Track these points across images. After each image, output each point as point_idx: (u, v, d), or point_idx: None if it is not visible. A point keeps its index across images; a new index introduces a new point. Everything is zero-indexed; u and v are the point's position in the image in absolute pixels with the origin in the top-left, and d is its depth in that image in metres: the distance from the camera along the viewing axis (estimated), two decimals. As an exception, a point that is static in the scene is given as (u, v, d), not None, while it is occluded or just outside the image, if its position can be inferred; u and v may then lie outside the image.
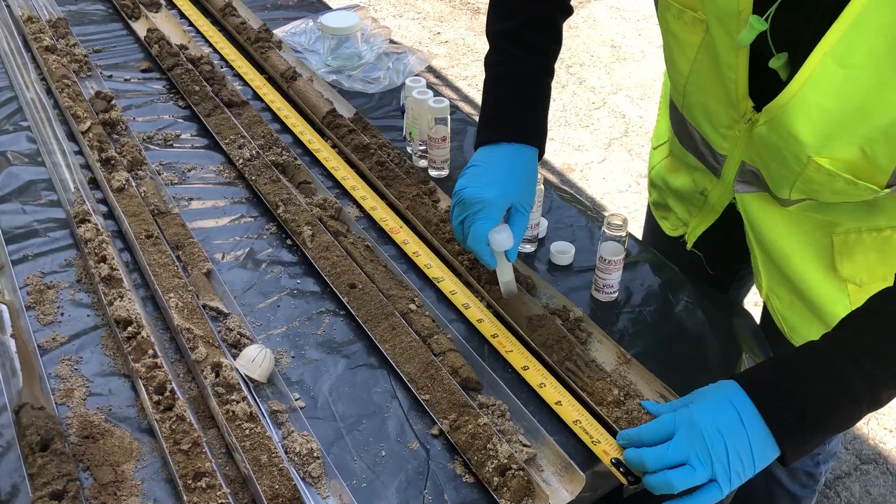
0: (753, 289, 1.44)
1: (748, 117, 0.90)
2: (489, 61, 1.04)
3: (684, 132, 1.07)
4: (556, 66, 1.05)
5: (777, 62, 0.82)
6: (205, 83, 1.46)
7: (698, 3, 0.87)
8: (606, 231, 1.03)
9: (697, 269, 1.20)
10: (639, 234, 1.42)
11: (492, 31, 1.04)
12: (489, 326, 1.01)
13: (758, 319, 1.17)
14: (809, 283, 1.00)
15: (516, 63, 1.01)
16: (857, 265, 0.97)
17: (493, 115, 1.02)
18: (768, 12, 0.79)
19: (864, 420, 2.05)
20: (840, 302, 1.00)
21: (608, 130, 3.10)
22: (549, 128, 1.05)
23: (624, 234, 1.02)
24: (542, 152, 1.02)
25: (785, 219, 0.99)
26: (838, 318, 1.00)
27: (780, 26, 0.80)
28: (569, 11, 1.05)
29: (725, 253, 1.19)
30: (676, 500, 0.77)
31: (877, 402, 0.77)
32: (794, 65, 0.81)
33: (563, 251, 1.14)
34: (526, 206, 0.98)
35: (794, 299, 1.04)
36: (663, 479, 0.76)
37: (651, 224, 1.31)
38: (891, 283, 0.84)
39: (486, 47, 1.05)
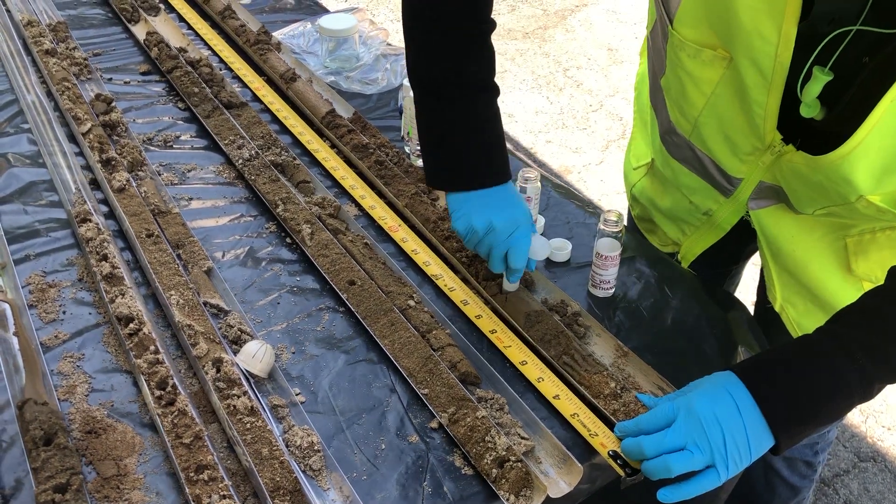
0: (742, 284, 1.45)
1: (777, 149, 0.90)
2: (431, 106, 0.97)
3: (690, 157, 1.06)
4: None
5: (811, 111, 0.82)
6: (204, 85, 1.47)
7: (719, 42, 0.87)
8: (602, 227, 1.04)
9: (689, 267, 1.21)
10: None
11: (427, 75, 0.96)
12: (487, 322, 1.02)
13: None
14: (827, 287, 1.01)
15: (469, 105, 0.95)
16: (871, 263, 0.98)
17: (466, 162, 0.97)
18: (830, 62, 0.79)
19: (861, 418, 2.06)
20: (850, 298, 1.01)
21: (605, 133, 3.12)
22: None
23: (620, 229, 1.03)
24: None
25: (800, 226, 0.99)
26: None
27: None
28: (494, 24, 0.98)
29: (717, 258, 1.20)
30: (676, 484, 0.78)
31: (868, 395, 0.78)
32: (832, 110, 0.82)
33: (560, 248, 1.15)
34: (532, 224, 0.99)
35: (809, 306, 1.05)
36: (662, 463, 0.77)
37: (635, 232, 1.31)
38: None
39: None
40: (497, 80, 0.98)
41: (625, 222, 1.06)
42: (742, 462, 0.77)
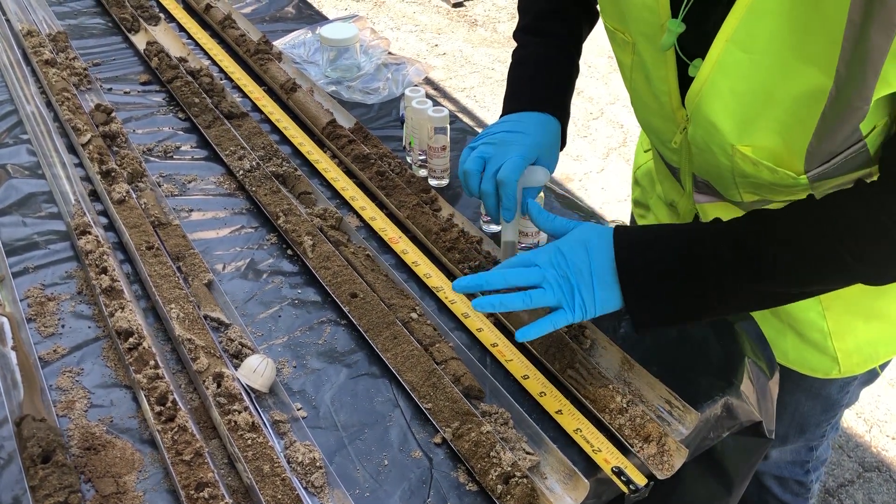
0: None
1: (682, 126, 0.91)
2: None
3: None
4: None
5: (695, 69, 0.84)
6: (204, 95, 1.46)
7: (623, 25, 0.89)
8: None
9: None
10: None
11: (515, 30, 1.14)
12: (489, 335, 1.01)
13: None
14: None
15: (528, 47, 1.09)
16: None
17: (508, 94, 1.07)
18: (681, 13, 0.82)
19: (866, 427, 2.04)
20: (812, 308, 1.01)
21: (606, 140, 3.11)
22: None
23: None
24: (562, 123, 1.04)
25: None
26: (812, 324, 1.01)
27: (694, 32, 0.82)
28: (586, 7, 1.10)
29: None
30: (534, 324, 0.84)
31: (724, 295, 0.81)
32: None
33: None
34: (550, 165, 1.00)
35: (765, 314, 1.05)
36: (500, 275, 0.84)
37: (632, 223, 1.33)
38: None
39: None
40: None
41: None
42: (588, 310, 0.83)
